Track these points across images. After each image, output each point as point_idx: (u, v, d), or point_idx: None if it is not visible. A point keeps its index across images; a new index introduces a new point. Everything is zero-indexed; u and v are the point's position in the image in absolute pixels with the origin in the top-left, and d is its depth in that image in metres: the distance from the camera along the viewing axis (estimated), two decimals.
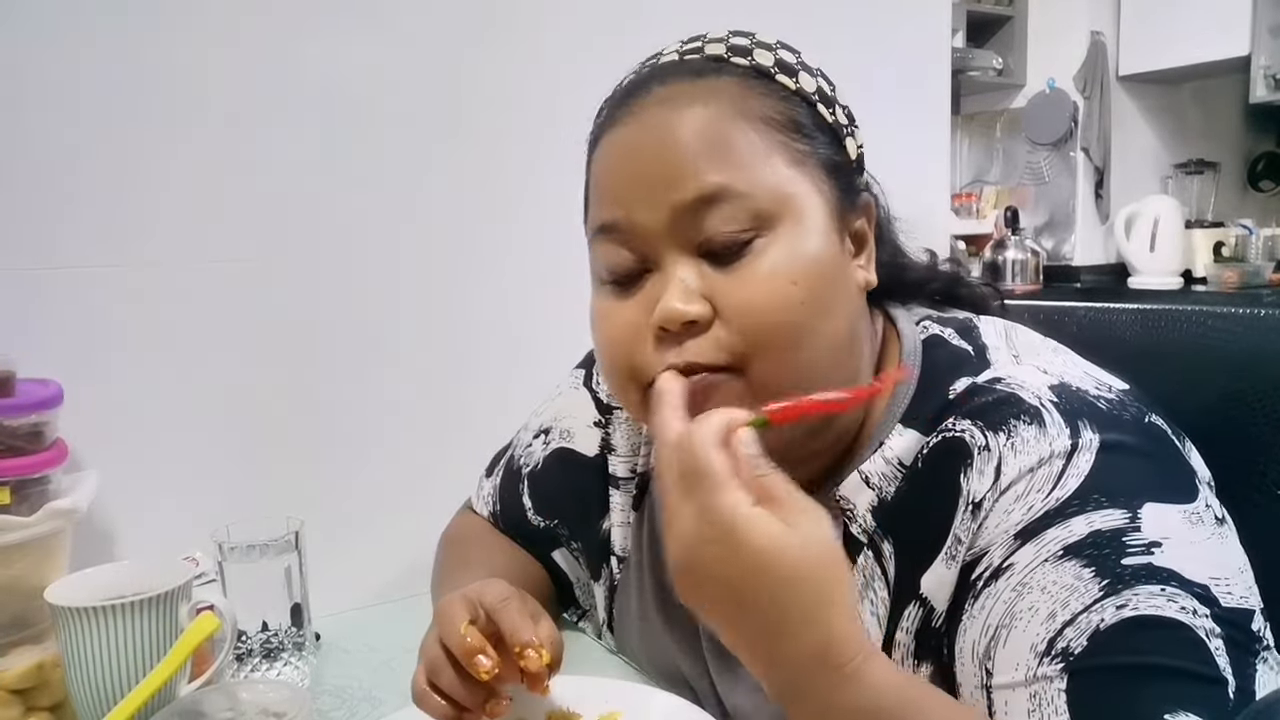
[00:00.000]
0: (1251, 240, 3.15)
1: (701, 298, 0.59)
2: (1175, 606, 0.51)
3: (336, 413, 1.09)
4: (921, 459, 0.62)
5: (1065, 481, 0.55)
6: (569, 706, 0.72)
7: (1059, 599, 0.52)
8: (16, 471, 0.79)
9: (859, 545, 0.64)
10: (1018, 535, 0.55)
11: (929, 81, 1.54)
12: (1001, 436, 0.57)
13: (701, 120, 0.60)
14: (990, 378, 0.62)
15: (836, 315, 0.62)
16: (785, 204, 0.60)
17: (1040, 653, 0.52)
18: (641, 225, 0.61)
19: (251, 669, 0.83)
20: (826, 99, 0.65)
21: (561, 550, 0.91)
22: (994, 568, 0.56)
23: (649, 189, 0.60)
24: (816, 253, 0.61)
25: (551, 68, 1.20)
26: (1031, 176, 3.43)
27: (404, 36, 1.10)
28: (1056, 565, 0.53)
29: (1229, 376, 0.77)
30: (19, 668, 0.72)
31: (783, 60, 0.64)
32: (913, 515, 0.61)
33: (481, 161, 1.16)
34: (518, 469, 0.93)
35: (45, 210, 0.93)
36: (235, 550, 0.83)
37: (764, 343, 0.59)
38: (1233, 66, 3.05)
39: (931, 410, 0.63)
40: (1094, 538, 0.53)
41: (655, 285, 0.61)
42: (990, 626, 0.55)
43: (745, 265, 0.59)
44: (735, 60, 0.64)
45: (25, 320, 0.92)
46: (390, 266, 1.11)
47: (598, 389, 0.88)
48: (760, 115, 0.61)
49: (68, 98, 0.93)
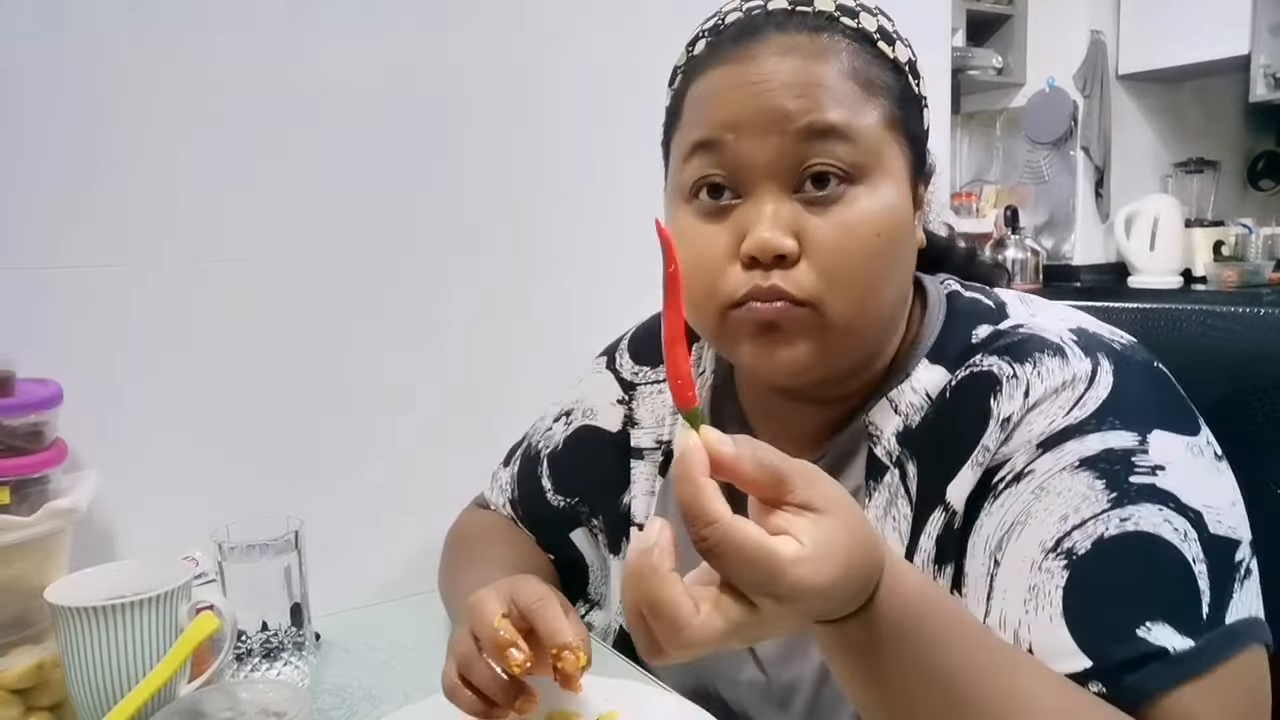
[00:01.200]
0: (1251, 239, 3.15)
1: (792, 234, 0.62)
2: (1170, 528, 0.57)
3: (336, 412, 1.09)
4: (950, 390, 0.67)
5: (1085, 403, 0.60)
6: (569, 706, 0.72)
7: (1071, 504, 0.58)
8: (16, 471, 0.79)
9: (883, 467, 0.69)
10: (1039, 445, 0.60)
11: (929, 81, 1.54)
12: (1028, 366, 0.63)
13: (823, 71, 0.63)
14: (1012, 324, 0.67)
15: (904, 268, 0.68)
16: (879, 159, 0.64)
17: (1048, 549, 0.58)
18: (746, 151, 0.63)
19: (251, 669, 0.83)
20: (916, 73, 0.70)
21: (581, 530, 0.91)
22: (1016, 472, 0.61)
23: (760, 119, 0.63)
24: (896, 210, 0.65)
25: (561, 62, 1.20)
26: (1031, 176, 3.43)
27: (405, 36, 1.10)
28: (1073, 474, 0.59)
29: (1229, 376, 0.77)
30: (19, 668, 0.72)
31: (884, 28, 0.68)
32: (940, 437, 0.66)
33: (482, 162, 1.16)
34: (536, 453, 0.94)
35: (45, 210, 0.93)
36: (235, 550, 0.83)
37: (842, 284, 0.63)
38: (1233, 65, 3.05)
39: (955, 350, 0.68)
40: (1107, 454, 0.58)
41: (745, 213, 0.64)
42: (1006, 522, 0.60)
43: (836, 210, 0.63)
44: (844, 20, 0.66)
45: (25, 320, 0.92)
46: (390, 266, 1.11)
47: (620, 369, 0.90)
48: (867, 79, 0.65)
49: (68, 98, 0.93)
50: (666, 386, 0.82)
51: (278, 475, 1.04)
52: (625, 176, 1.16)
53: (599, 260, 1.24)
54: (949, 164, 1.65)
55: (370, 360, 1.10)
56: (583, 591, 0.93)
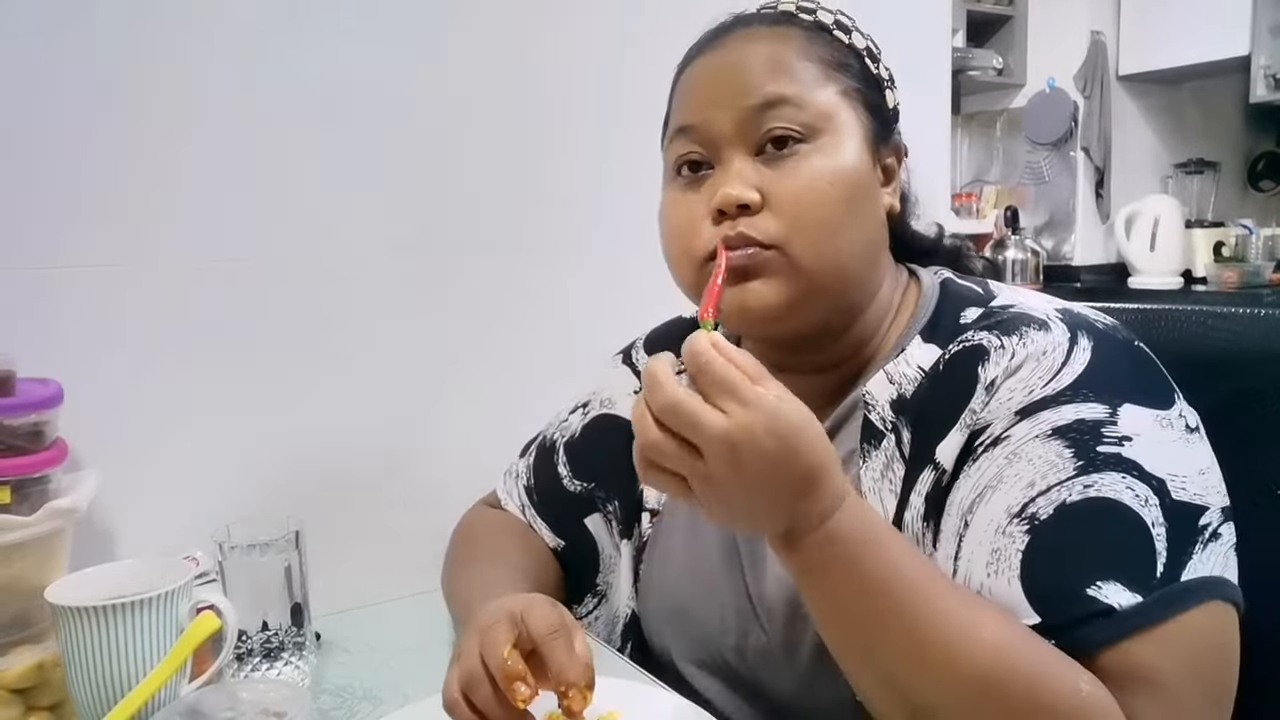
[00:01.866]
0: (1251, 240, 3.15)
1: (755, 188, 0.70)
2: (1131, 494, 0.60)
3: (337, 412, 1.09)
4: (943, 363, 0.71)
5: (1062, 376, 0.64)
6: None
7: (1039, 470, 0.62)
8: (16, 471, 0.79)
9: (880, 433, 0.73)
10: (1017, 413, 0.64)
11: (929, 81, 1.54)
12: (1015, 338, 0.67)
13: (772, 51, 0.73)
14: (1000, 304, 0.72)
15: (863, 219, 0.73)
16: (831, 121, 0.72)
17: (1013, 514, 0.62)
18: (713, 126, 0.72)
19: (251, 669, 0.83)
20: (874, 57, 0.78)
21: (595, 515, 0.93)
22: (995, 437, 0.65)
23: (723, 97, 0.72)
24: (852, 165, 0.72)
25: (572, 62, 1.20)
26: (1031, 176, 3.43)
27: (409, 35, 1.10)
28: (1044, 442, 0.62)
29: (1229, 376, 0.77)
30: (19, 667, 0.72)
31: (840, 21, 0.78)
32: (932, 403, 0.70)
33: (482, 162, 1.16)
34: (552, 443, 0.97)
35: (45, 210, 0.93)
36: (235, 550, 0.83)
37: (803, 227, 0.69)
38: (1233, 66, 3.05)
39: (946, 329, 0.73)
40: (1078, 424, 0.62)
41: (717, 178, 0.72)
42: (979, 485, 0.64)
43: (792, 165, 0.70)
44: (803, 15, 0.77)
45: (25, 320, 0.92)
46: (390, 267, 1.11)
47: (637, 362, 0.96)
48: (819, 56, 0.74)
49: (68, 98, 0.93)
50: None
51: (278, 475, 1.04)
52: (637, 176, 1.16)
53: (607, 262, 1.24)
54: (949, 164, 1.65)
55: (370, 360, 1.10)
56: (592, 582, 0.94)
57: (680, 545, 0.86)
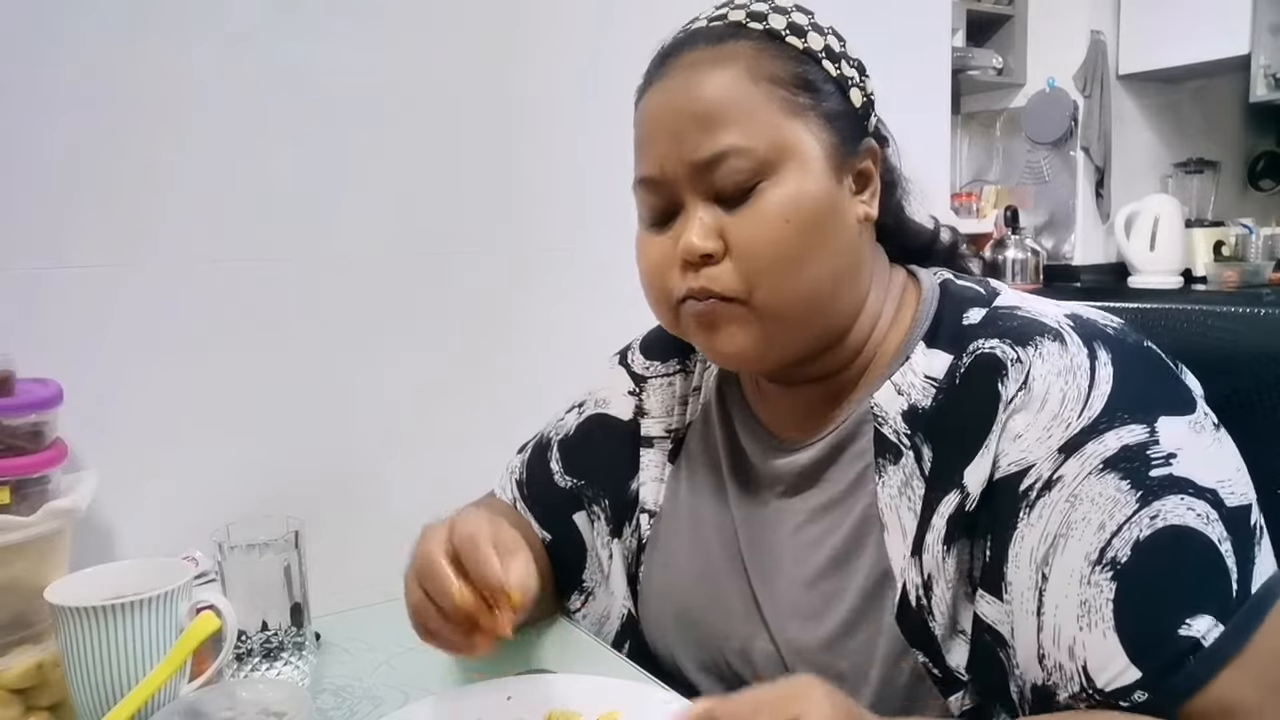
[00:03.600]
0: (1251, 239, 3.14)
1: (717, 235, 0.70)
2: (1194, 515, 0.60)
3: (337, 412, 1.09)
4: (960, 376, 0.69)
5: (1092, 402, 0.63)
6: (569, 706, 0.72)
7: (1105, 510, 0.61)
8: (16, 471, 0.79)
9: (896, 448, 0.72)
10: (1060, 450, 0.63)
11: (929, 81, 1.54)
12: (1030, 350, 0.66)
13: (715, 86, 0.71)
14: (1007, 305, 0.71)
15: (831, 246, 0.71)
16: (784, 151, 0.70)
17: (1093, 561, 0.61)
18: (669, 177, 0.72)
19: (251, 669, 0.83)
20: (833, 55, 0.75)
21: (582, 513, 0.93)
22: (1045, 479, 0.63)
23: (675, 148, 0.71)
24: (811, 193, 0.70)
25: (557, 67, 1.20)
26: (1031, 176, 3.43)
27: (401, 36, 1.10)
28: (1099, 478, 0.62)
29: (1229, 376, 0.77)
30: (19, 667, 0.72)
31: (794, 23, 0.74)
32: (953, 421, 0.69)
33: (481, 162, 1.16)
34: (548, 441, 0.97)
35: (45, 210, 0.93)
36: (235, 550, 0.83)
37: (764, 272, 0.69)
38: (1233, 66, 3.05)
39: (949, 333, 0.72)
40: (1124, 451, 0.62)
41: (682, 223, 0.72)
42: (1049, 535, 0.63)
43: (749, 207, 0.70)
44: (752, 25, 0.73)
45: (25, 320, 0.92)
46: (393, 267, 1.11)
47: (632, 364, 0.96)
48: (769, 75, 0.71)
49: (68, 98, 0.93)
50: (675, 379, 0.92)
51: (278, 475, 1.04)
52: (629, 176, 1.16)
53: (606, 262, 1.24)
54: (949, 164, 1.65)
55: (371, 360, 1.10)
56: (577, 579, 0.93)
57: (684, 548, 0.86)
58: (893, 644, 0.69)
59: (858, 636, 0.71)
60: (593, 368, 1.00)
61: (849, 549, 0.73)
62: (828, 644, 0.73)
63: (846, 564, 0.73)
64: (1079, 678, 0.61)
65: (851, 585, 0.72)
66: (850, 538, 0.73)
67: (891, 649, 0.70)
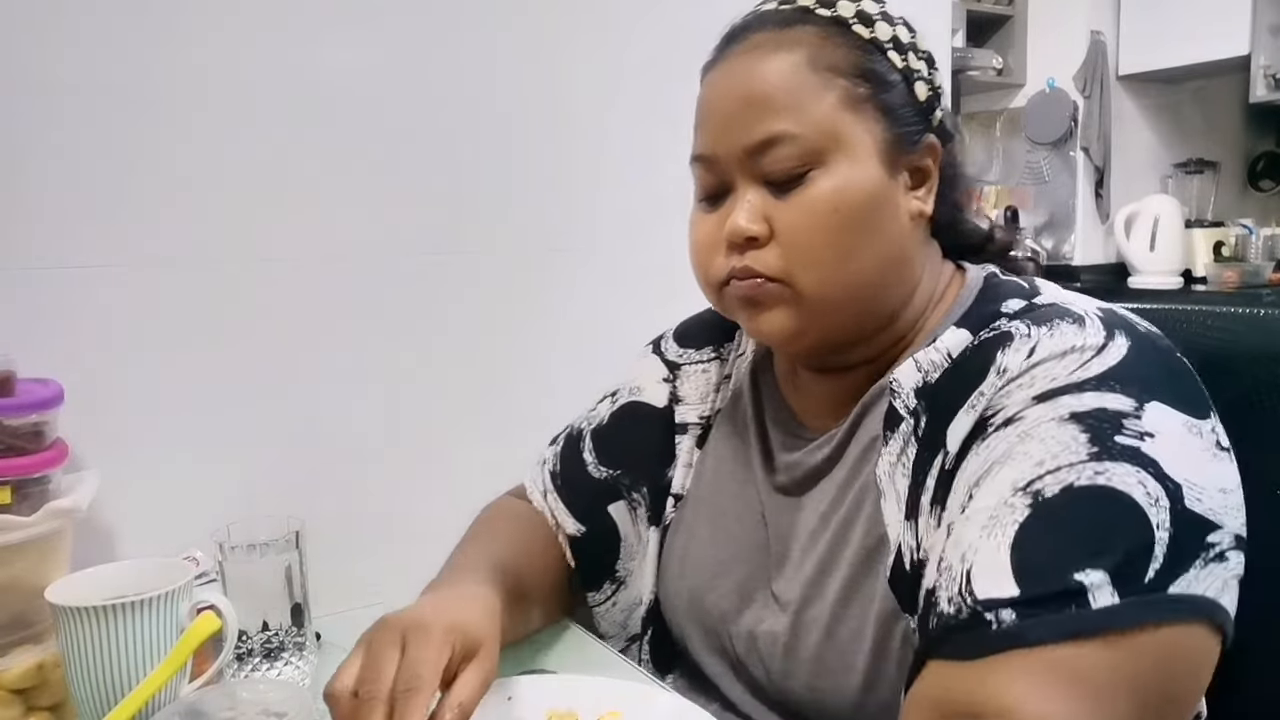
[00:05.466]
0: (1251, 240, 3.14)
1: (763, 218, 0.71)
2: (1142, 490, 0.57)
3: (337, 412, 1.09)
4: (970, 349, 0.70)
5: (1089, 366, 0.62)
6: (569, 706, 0.72)
7: (1050, 450, 0.59)
8: (16, 471, 0.79)
9: (899, 417, 0.72)
10: (1035, 398, 0.62)
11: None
12: (1044, 328, 0.65)
13: (774, 70, 0.71)
14: (1048, 299, 0.71)
15: (879, 238, 0.72)
16: (835, 141, 0.70)
17: (1018, 488, 0.59)
18: (722, 157, 0.73)
19: (252, 669, 0.83)
20: (900, 46, 0.75)
21: (620, 503, 0.93)
22: (1007, 418, 0.63)
23: (727, 130, 0.72)
24: (861, 184, 0.71)
25: (562, 63, 1.20)
26: (1031, 176, 3.43)
27: (407, 36, 1.10)
28: (1060, 425, 0.60)
29: (1229, 377, 0.77)
30: (19, 668, 0.72)
31: (863, 11, 0.74)
32: (949, 387, 0.70)
33: (485, 163, 1.16)
34: (580, 432, 0.98)
35: (46, 211, 0.93)
36: (235, 550, 0.83)
37: (807, 260, 0.70)
38: (1233, 66, 3.04)
39: (982, 317, 0.72)
40: (1099, 412, 0.59)
41: (731, 204, 0.74)
42: (987, 460, 0.62)
43: (797, 194, 0.70)
44: (819, 11, 0.74)
45: (25, 320, 0.92)
46: (392, 267, 1.11)
47: (665, 351, 0.96)
48: (829, 64, 0.71)
49: (68, 98, 0.93)
50: (710, 366, 0.93)
51: (278, 475, 1.04)
52: (645, 175, 1.16)
53: (613, 263, 1.25)
54: None
55: (371, 360, 1.10)
56: (611, 568, 0.93)
57: (704, 532, 0.86)
58: (886, 607, 0.69)
59: (855, 603, 0.72)
60: (595, 369, 1.00)
61: (849, 517, 0.74)
62: (830, 613, 0.73)
63: (845, 532, 0.74)
64: (960, 581, 0.58)
65: (848, 552, 0.73)
66: (851, 507, 0.74)
67: (884, 612, 0.69)
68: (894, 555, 0.69)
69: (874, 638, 0.70)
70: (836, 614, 0.73)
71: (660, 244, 1.27)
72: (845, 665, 0.71)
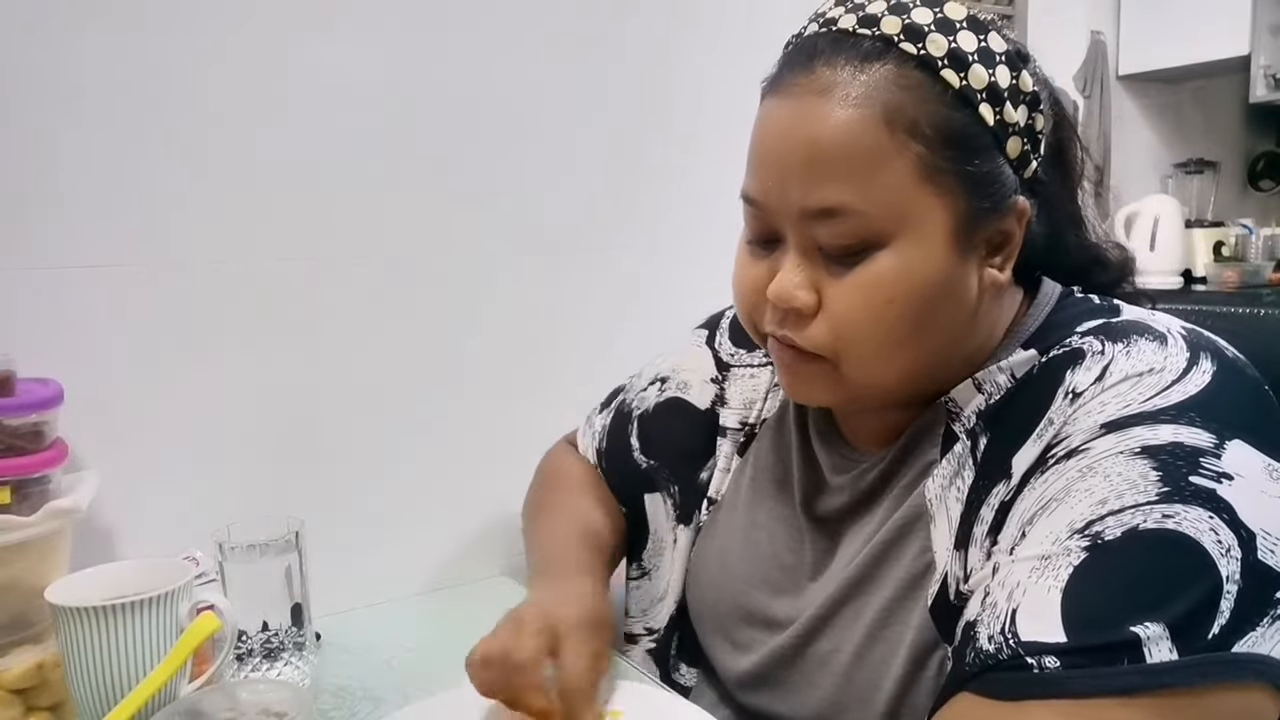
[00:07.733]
0: (1251, 240, 3.14)
1: (812, 287, 0.65)
2: (1213, 538, 0.52)
3: (337, 412, 1.09)
4: (1037, 368, 0.65)
5: (1169, 393, 0.56)
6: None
7: (1116, 488, 0.54)
8: (16, 471, 0.79)
9: (956, 438, 0.68)
10: (1104, 426, 0.57)
11: None
12: (1120, 345, 0.60)
13: (841, 128, 0.62)
14: (1124, 319, 0.65)
15: (938, 325, 0.65)
16: (903, 221, 0.62)
17: (1077, 529, 0.54)
18: (775, 208, 0.66)
19: (252, 669, 0.83)
20: (996, 95, 0.63)
21: (655, 495, 0.92)
22: (1071, 449, 0.57)
23: (783, 183, 0.64)
24: (925, 272, 0.63)
25: (568, 65, 1.20)
26: None
27: (407, 35, 1.10)
28: (1129, 460, 0.55)
29: None
30: (19, 668, 0.72)
31: (957, 51, 0.63)
32: (1015, 409, 0.65)
33: (488, 161, 1.16)
34: (629, 411, 0.96)
35: (46, 210, 0.93)
36: (235, 550, 0.83)
37: (855, 345, 0.64)
38: (1233, 66, 3.04)
39: (1052, 336, 0.67)
40: (1174, 447, 0.54)
41: (780, 256, 0.67)
42: (1044, 497, 0.57)
43: (853, 273, 0.63)
44: (905, 45, 0.62)
45: (25, 320, 0.92)
46: (392, 267, 1.11)
47: (719, 349, 0.93)
48: (907, 124, 0.61)
49: (68, 97, 0.93)
50: (760, 372, 0.90)
51: (278, 475, 1.04)
52: (665, 182, 1.15)
53: (617, 266, 1.24)
54: None
55: (371, 360, 1.10)
56: (638, 557, 0.93)
57: (736, 545, 0.84)
58: (923, 636, 0.66)
59: (892, 627, 0.68)
60: (598, 369, 1.00)
61: (895, 541, 0.70)
62: (864, 635, 0.70)
63: (890, 556, 0.70)
64: (1005, 619, 0.54)
65: (891, 576, 0.69)
66: (899, 531, 0.69)
67: (921, 640, 0.66)
68: (939, 584, 0.66)
69: (906, 664, 0.66)
70: (872, 636, 0.69)
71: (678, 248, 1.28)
72: (872, 688, 0.69)
